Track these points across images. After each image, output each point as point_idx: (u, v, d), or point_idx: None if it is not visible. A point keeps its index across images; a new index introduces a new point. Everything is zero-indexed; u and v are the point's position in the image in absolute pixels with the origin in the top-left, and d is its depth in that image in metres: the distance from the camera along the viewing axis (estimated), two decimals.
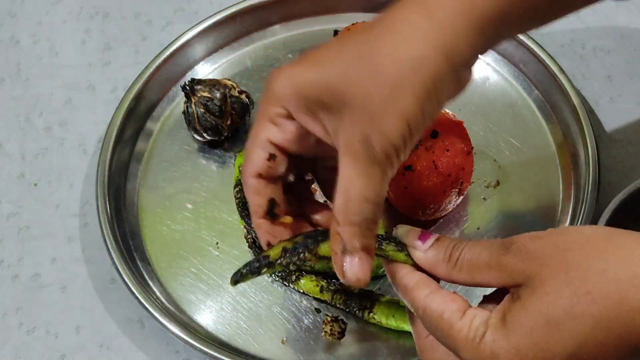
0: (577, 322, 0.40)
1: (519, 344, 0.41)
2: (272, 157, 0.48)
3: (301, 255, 0.47)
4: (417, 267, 0.47)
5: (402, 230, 0.48)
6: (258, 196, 0.49)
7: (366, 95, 0.43)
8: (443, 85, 0.45)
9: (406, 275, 0.47)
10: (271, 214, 0.49)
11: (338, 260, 0.45)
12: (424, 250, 0.47)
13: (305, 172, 0.54)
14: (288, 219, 0.50)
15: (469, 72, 0.49)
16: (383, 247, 0.48)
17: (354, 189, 0.44)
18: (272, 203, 0.49)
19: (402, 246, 0.48)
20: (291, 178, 0.52)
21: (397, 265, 0.48)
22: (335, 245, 0.45)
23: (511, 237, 0.44)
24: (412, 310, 0.46)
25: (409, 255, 0.47)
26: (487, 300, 0.46)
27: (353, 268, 0.45)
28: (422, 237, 0.47)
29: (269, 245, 0.49)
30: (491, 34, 0.46)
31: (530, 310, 0.41)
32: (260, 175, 0.49)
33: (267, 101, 0.47)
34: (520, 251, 0.43)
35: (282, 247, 0.47)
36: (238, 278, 0.47)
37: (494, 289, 0.46)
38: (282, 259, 0.47)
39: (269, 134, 0.48)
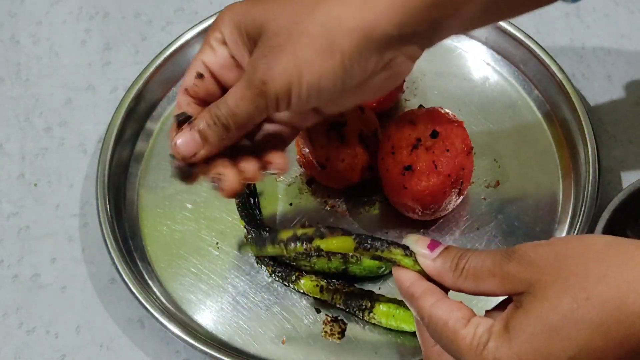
0: (577, 327, 0.40)
1: (520, 350, 0.41)
2: (199, 75, 0.53)
3: (307, 243, 0.53)
4: (425, 275, 0.49)
5: (412, 239, 0.50)
6: (178, 109, 0.54)
7: (276, 30, 0.48)
8: (354, 55, 0.48)
9: (413, 283, 0.48)
10: (178, 123, 0.54)
11: (183, 129, 0.52)
12: (432, 258, 0.48)
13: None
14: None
15: (403, 62, 0.51)
16: (392, 251, 0.50)
17: (228, 95, 0.51)
18: (180, 115, 0.53)
19: (409, 252, 0.49)
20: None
21: (405, 272, 0.49)
22: (194, 122, 0.52)
23: (514, 247, 0.44)
24: (418, 318, 0.47)
25: (416, 261, 0.49)
26: (491, 310, 0.47)
27: (183, 137, 0.52)
28: (431, 246, 0.48)
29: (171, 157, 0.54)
30: (423, 18, 0.49)
31: (531, 317, 0.41)
32: (186, 91, 0.53)
33: (210, 29, 0.53)
34: (523, 259, 0.43)
35: (294, 232, 0.53)
36: (244, 243, 0.53)
37: (501, 299, 0.46)
38: (289, 243, 0.54)
39: (204, 56, 0.53)
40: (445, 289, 0.48)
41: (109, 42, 0.81)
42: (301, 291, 0.64)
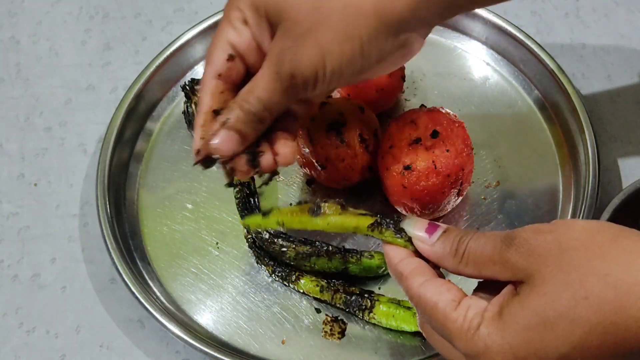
0: (573, 325, 0.40)
1: (513, 341, 0.41)
2: (231, 57, 0.51)
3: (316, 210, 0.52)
4: (417, 253, 0.48)
5: (410, 222, 0.49)
6: (212, 98, 0.52)
7: (297, 17, 0.48)
8: (371, 39, 0.48)
9: (402, 261, 0.48)
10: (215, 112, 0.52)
11: (214, 126, 0.51)
12: (430, 243, 0.47)
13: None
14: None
15: (416, 39, 0.52)
16: (382, 232, 0.49)
17: (256, 88, 0.50)
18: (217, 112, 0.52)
19: (401, 232, 0.49)
20: None
21: (394, 249, 0.49)
22: (222, 116, 0.50)
23: (514, 231, 0.43)
24: (407, 298, 0.47)
25: (408, 241, 0.48)
26: (482, 287, 0.46)
27: (220, 137, 0.50)
28: (429, 229, 0.48)
29: (198, 152, 0.52)
30: (439, 5, 0.49)
31: (527, 308, 0.41)
32: (219, 76, 0.52)
33: (228, 6, 0.52)
34: (522, 247, 0.42)
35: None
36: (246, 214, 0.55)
37: None
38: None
39: (229, 36, 0.51)
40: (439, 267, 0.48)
41: (109, 42, 0.81)
42: (301, 291, 0.64)
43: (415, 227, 0.48)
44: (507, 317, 0.41)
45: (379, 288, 0.64)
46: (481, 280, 0.46)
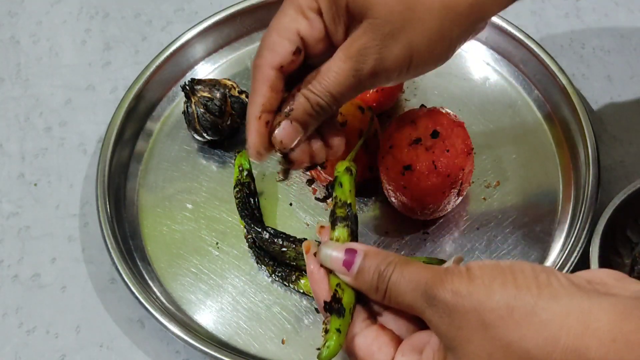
0: None
1: None
2: (297, 51, 0.47)
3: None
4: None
5: (325, 255, 0.46)
6: (270, 90, 0.48)
7: (388, 15, 0.45)
8: (460, 38, 0.47)
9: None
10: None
11: (277, 118, 0.48)
12: (351, 277, 0.45)
13: None
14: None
15: (484, 25, 0.50)
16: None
17: (327, 79, 0.47)
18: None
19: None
20: None
21: (321, 284, 0.46)
22: (285, 105, 0.48)
23: (433, 286, 0.41)
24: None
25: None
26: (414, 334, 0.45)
27: (283, 130, 0.47)
28: (347, 263, 0.45)
29: (259, 154, 0.49)
30: None
31: None
32: (281, 68, 0.47)
33: None
34: (444, 313, 0.40)
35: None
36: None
37: None
38: None
39: (299, 25, 0.47)
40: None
41: (109, 42, 0.81)
42: (301, 291, 0.64)
43: (332, 262, 0.45)
44: None
45: None
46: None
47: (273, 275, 0.64)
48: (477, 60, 0.76)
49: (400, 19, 0.45)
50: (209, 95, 0.69)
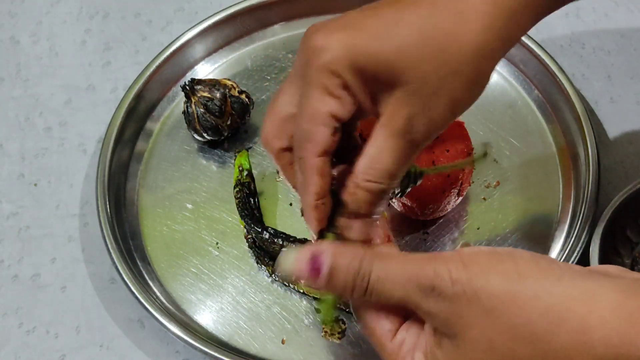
0: None
1: None
2: (336, 131, 0.44)
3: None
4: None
5: (285, 267, 0.44)
6: (321, 178, 0.45)
7: (423, 78, 0.42)
8: (495, 65, 0.45)
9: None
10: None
11: (352, 223, 0.45)
12: (323, 285, 0.43)
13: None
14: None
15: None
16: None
17: (381, 161, 0.44)
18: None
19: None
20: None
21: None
22: (348, 206, 0.45)
23: (427, 277, 0.40)
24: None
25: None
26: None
27: (357, 231, 0.45)
28: (313, 273, 0.42)
29: (320, 233, 0.46)
30: (517, 24, 0.45)
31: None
32: (325, 153, 0.45)
33: (317, 69, 0.43)
34: (443, 302, 0.40)
35: None
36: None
37: None
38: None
39: (331, 108, 0.44)
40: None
41: (109, 42, 0.81)
42: (301, 291, 0.64)
43: (297, 272, 0.43)
44: None
45: None
46: None
47: (273, 275, 0.64)
48: None
49: (437, 78, 0.43)
50: (209, 95, 0.69)
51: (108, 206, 0.66)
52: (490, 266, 0.40)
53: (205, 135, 0.70)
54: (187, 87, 0.69)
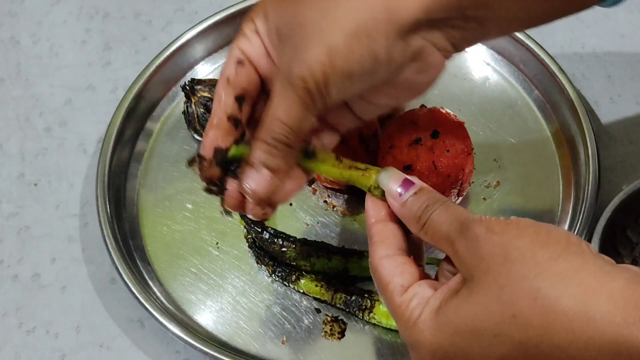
0: (497, 340, 0.40)
1: (443, 342, 0.42)
2: (240, 62, 0.50)
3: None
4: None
5: (386, 175, 0.49)
6: (218, 103, 0.50)
7: (303, 23, 0.46)
8: (380, 38, 0.46)
9: (376, 224, 0.48)
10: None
11: (248, 172, 0.48)
12: (400, 202, 0.47)
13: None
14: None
15: (432, 53, 0.49)
16: (371, 190, 0.49)
17: (271, 109, 0.47)
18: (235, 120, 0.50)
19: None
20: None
21: (375, 206, 0.49)
22: (250, 158, 0.48)
23: (471, 220, 0.43)
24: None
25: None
26: (444, 264, 0.47)
27: (250, 180, 0.48)
28: (404, 186, 0.48)
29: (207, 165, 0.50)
30: (452, 5, 0.46)
31: (460, 315, 0.42)
32: (228, 81, 0.50)
33: (244, 20, 0.51)
34: (472, 243, 0.42)
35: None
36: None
37: None
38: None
39: (241, 44, 0.50)
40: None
41: (109, 42, 0.81)
42: (301, 291, 0.64)
43: (390, 180, 0.48)
44: (442, 318, 0.42)
45: None
46: None
47: (273, 275, 0.64)
48: (477, 60, 0.76)
49: (316, 22, 0.47)
50: (209, 95, 0.69)
51: (108, 206, 0.67)
52: (525, 227, 0.42)
53: None
54: (187, 87, 0.69)
